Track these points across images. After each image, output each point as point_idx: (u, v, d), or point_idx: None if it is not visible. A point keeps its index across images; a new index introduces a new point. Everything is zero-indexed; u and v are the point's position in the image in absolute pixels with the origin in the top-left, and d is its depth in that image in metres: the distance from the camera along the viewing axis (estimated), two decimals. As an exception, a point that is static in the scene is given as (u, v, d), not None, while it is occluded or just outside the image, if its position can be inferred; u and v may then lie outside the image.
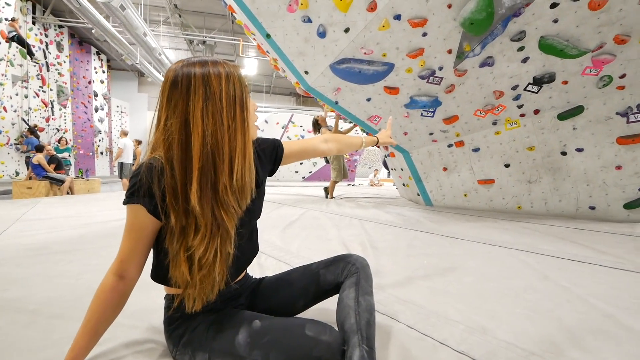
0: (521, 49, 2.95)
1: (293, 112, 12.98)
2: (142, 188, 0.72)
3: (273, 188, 8.35)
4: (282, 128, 12.13)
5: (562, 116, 3.46)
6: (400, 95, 3.59)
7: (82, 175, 8.43)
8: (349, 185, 10.77)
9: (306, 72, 3.64)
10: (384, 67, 3.30)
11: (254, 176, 0.81)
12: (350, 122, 5.41)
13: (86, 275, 1.64)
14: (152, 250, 0.83)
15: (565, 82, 3.19)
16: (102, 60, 14.68)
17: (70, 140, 12.27)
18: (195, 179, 0.70)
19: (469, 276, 1.70)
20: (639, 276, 1.74)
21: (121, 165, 7.96)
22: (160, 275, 0.83)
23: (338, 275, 0.98)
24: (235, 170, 0.74)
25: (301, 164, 12.36)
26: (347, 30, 3.06)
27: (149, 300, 1.16)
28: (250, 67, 16.55)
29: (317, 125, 5.80)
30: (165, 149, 0.73)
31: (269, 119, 12.07)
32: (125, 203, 0.75)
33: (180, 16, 11.88)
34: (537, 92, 3.33)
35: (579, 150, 3.51)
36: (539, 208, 3.95)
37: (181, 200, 0.71)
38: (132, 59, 11.27)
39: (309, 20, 3.13)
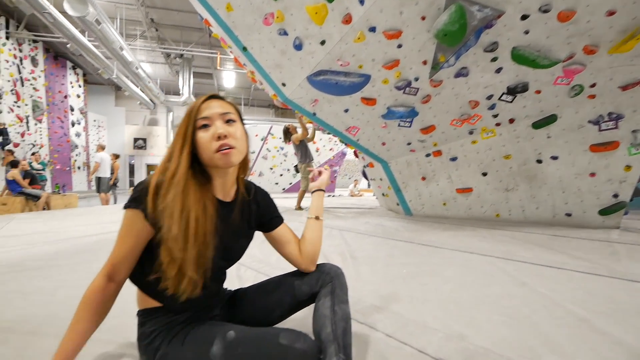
0: (494, 59, 3.03)
1: (272, 124, 12.90)
2: (144, 196, 0.77)
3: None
4: (262, 140, 12.03)
5: (537, 125, 3.55)
6: (378, 106, 3.62)
7: (58, 190, 8.08)
8: (329, 195, 10.74)
9: (283, 84, 3.63)
10: (360, 78, 3.32)
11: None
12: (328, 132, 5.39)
13: (61, 291, 1.57)
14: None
15: (539, 92, 3.28)
16: (78, 74, 14.36)
17: (47, 155, 11.87)
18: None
19: (447, 284, 1.67)
20: (613, 281, 1.75)
21: (99, 179, 7.72)
22: (142, 280, 0.85)
23: (313, 285, 0.98)
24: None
25: (281, 175, 12.23)
26: (323, 42, 3.08)
27: (125, 315, 1.08)
28: (228, 80, 16.55)
29: (287, 134, 5.77)
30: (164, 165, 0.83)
31: (247, 131, 11.96)
32: (125, 207, 0.80)
33: (157, 30, 11.81)
34: (511, 102, 3.41)
35: (554, 158, 3.60)
36: (517, 215, 4.01)
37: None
38: (108, 73, 11.06)
39: (285, 33, 3.13)
